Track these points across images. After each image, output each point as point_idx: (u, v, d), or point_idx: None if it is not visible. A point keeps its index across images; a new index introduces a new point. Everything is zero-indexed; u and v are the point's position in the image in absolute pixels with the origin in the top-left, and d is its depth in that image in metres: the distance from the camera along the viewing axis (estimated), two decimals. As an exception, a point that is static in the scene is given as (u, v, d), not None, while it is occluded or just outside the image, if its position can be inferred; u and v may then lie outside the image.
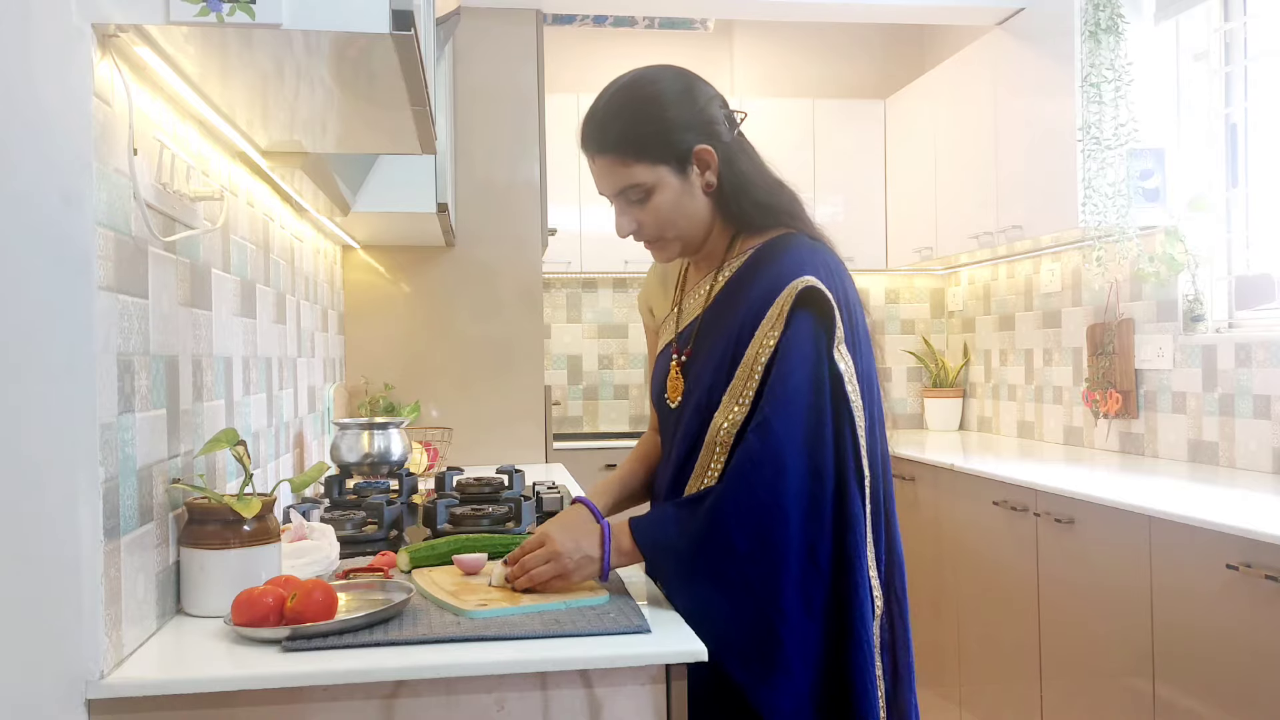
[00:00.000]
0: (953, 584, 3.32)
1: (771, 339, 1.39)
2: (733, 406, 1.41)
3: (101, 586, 1.11)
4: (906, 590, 1.48)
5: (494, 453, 3.45)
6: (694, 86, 1.49)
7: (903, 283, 4.87)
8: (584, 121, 1.51)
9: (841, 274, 1.47)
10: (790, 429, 1.35)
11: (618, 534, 1.42)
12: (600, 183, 1.52)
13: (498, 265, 3.51)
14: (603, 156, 1.48)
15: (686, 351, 1.54)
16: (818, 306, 1.39)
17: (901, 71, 4.83)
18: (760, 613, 1.33)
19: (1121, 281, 3.40)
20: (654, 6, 3.87)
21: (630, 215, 1.51)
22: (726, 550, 1.34)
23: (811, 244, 1.49)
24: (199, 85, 1.35)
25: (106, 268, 1.14)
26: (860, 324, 1.46)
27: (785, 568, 1.33)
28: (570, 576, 1.40)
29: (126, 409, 1.20)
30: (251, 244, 1.93)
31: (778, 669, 1.32)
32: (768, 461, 1.34)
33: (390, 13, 1.10)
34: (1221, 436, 2.99)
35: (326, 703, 1.14)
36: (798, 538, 1.34)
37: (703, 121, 1.47)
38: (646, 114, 1.45)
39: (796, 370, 1.37)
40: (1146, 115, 3.14)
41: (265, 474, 2.04)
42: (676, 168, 1.46)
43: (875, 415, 1.45)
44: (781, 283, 1.41)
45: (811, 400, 1.36)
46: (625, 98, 1.48)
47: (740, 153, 1.51)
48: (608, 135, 1.47)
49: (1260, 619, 2.05)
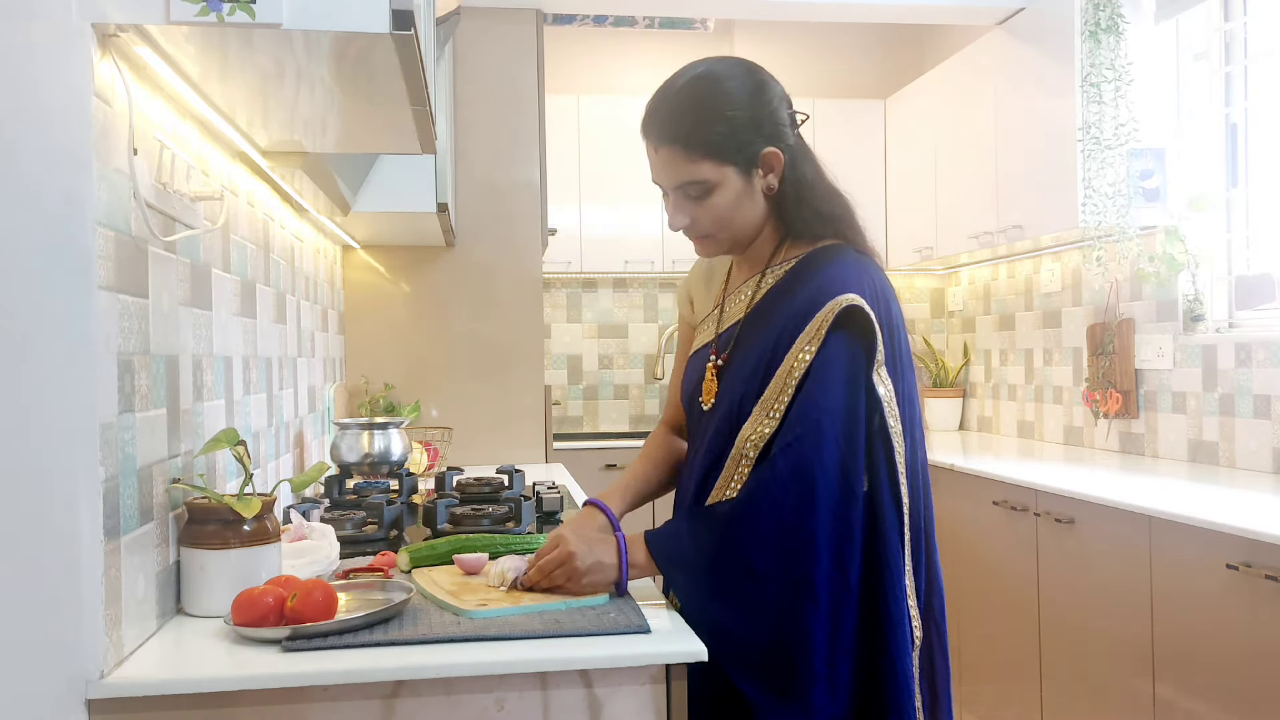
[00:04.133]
0: (952, 584, 3.31)
1: (807, 355, 1.36)
2: (762, 419, 1.38)
3: (101, 586, 1.11)
4: (946, 618, 1.45)
5: (494, 453, 3.45)
6: (766, 85, 1.45)
7: (903, 283, 4.87)
8: (650, 108, 1.45)
9: (887, 291, 1.43)
10: (821, 451, 1.32)
11: (632, 546, 1.40)
12: (659, 173, 1.47)
13: (498, 265, 3.51)
14: (666, 147, 1.43)
15: (724, 356, 1.50)
16: (859, 327, 1.36)
17: (901, 71, 4.83)
18: (777, 635, 1.30)
19: (1121, 281, 3.40)
20: (654, 6, 3.87)
21: (685, 210, 1.46)
22: (744, 567, 1.31)
23: (858, 259, 1.45)
24: (199, 85, 1.35)
25: (106, 268, 1.14)
26: (903, 344, 1.42)
27: (812, 594, 1.30)
28: (580, 578, 1.39)
29: (127, 409, 1.20)
30: (251, 244, 1.93)
31: (794, 694, 1.29)
32: (794, 482, 1.31)
33: (390, 13, 1.10)
34: (1221, 436, 2.99)
35: (326, 703, 1.14)
36: (827, 563, 1.30)
37: (771, 123, 1.43)
38: (718, 111, 1.41)
39: (830, 391, 1.34)
40: (1146, 115, 3.14)
41: (265, 474, 2.04)
42: (742, 169, 1.42)
43: (917, 438, 1.42)
44: (823, 297, 1.37)
45: (844, 422, 1.33)
46: (697, 91, 1.43)
47: (803, 157, 1.48)
48: (677, 128, 1.42)
49: (1260, 619, 2.05)
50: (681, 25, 4.89)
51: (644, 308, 4.90)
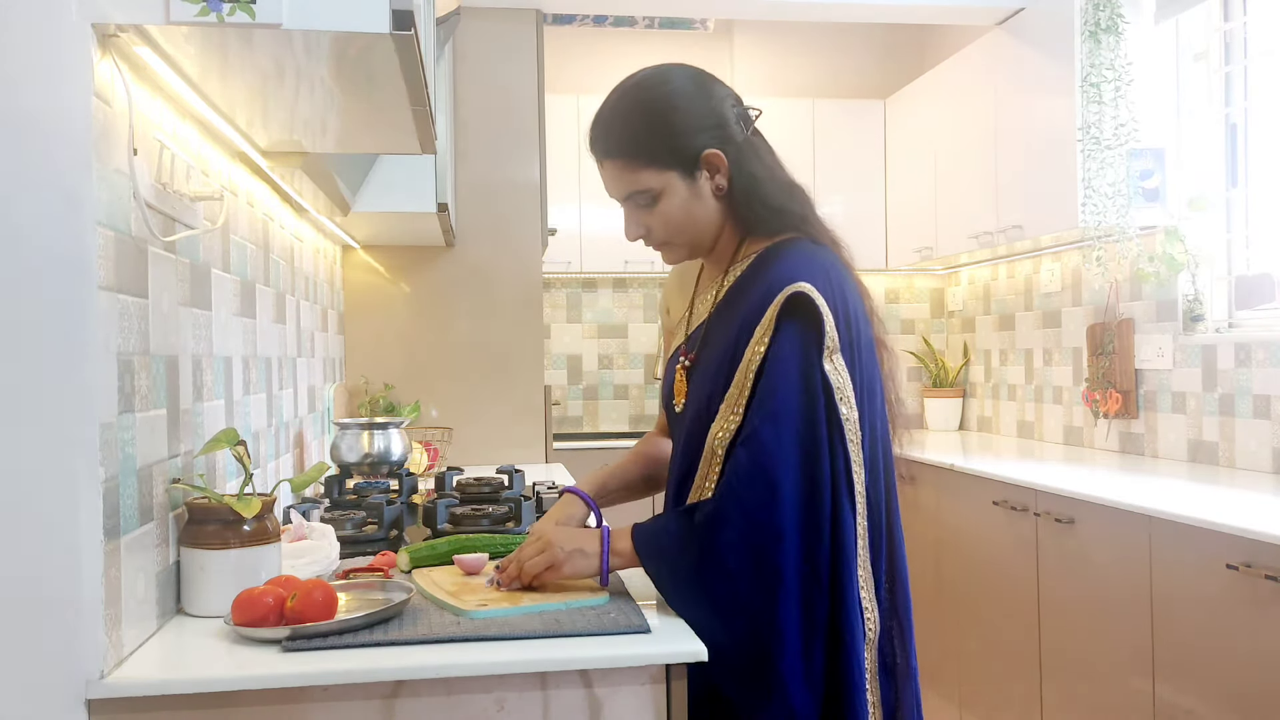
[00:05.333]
0: (953, 584, 3.32)
1: (761, 346, 1.36)
2: (728, 415, 1.38)
3: (101, 586, 1.11)
4: (911, 614, 1.44)
5: (494, 453, 3.45)
6: (705, 86, 1.46)
7: (903, 283, 4.87)
8: (591, 124, 1.48)
9: (843, 279, 1.42)
10: (780, 442, 1.31)
11: (617, 536, 1.41)
12: (608, 187, 1.50)
13: (497, 265, 3.51)
14: (610, 161, 1.46)
15: (692, 356, 1.52)
16: (806, 314, 1.35)
17: (901, 71, 4.83)
18: (753, 632, 1.29)
19: (1121, 281, 3.40)
20: (654, 6, 3.87)
21: (638, 220, 1.48)
22: (718, 567, 1.31)
23: (813, 248, 1.45)
24: (199, 85, 1.35)
25: (106, 268, 1.14)
26: (863, 331, 1.41)
27: (784, 586, 1.29)
28: (560, 567, 1.39)
29: (126, 409, 1.20)
30: (251, 244, 1.93)
31: (771, 690, 1.29)
32: (758, 476, 1.30)
33: (390, 13, 1.10)
34: (1221, 436, 2.99)
35: (326, 703, 1.14)
36: (795, 554, 1.30)
37: (713, 124, 1.43)
38: (653, 118, 1.42)
39: (784, 381, 1.33)
40: (1146, 115, 3.14)
41: (265, 474, 2.04)
42: (684, 173, 1.43)
43: (878, 429, 1.41)
44: (776, 289, 1.37)
45: (802, 412, 1.32)
46: (632, 100, 1.45)
47: (752, 154, 1.47)
48: (613, 139, 1.45)
49: (1260, 619, 2.05)
50: (681, 25, 4.90)
51: (644, 308, 4.90)
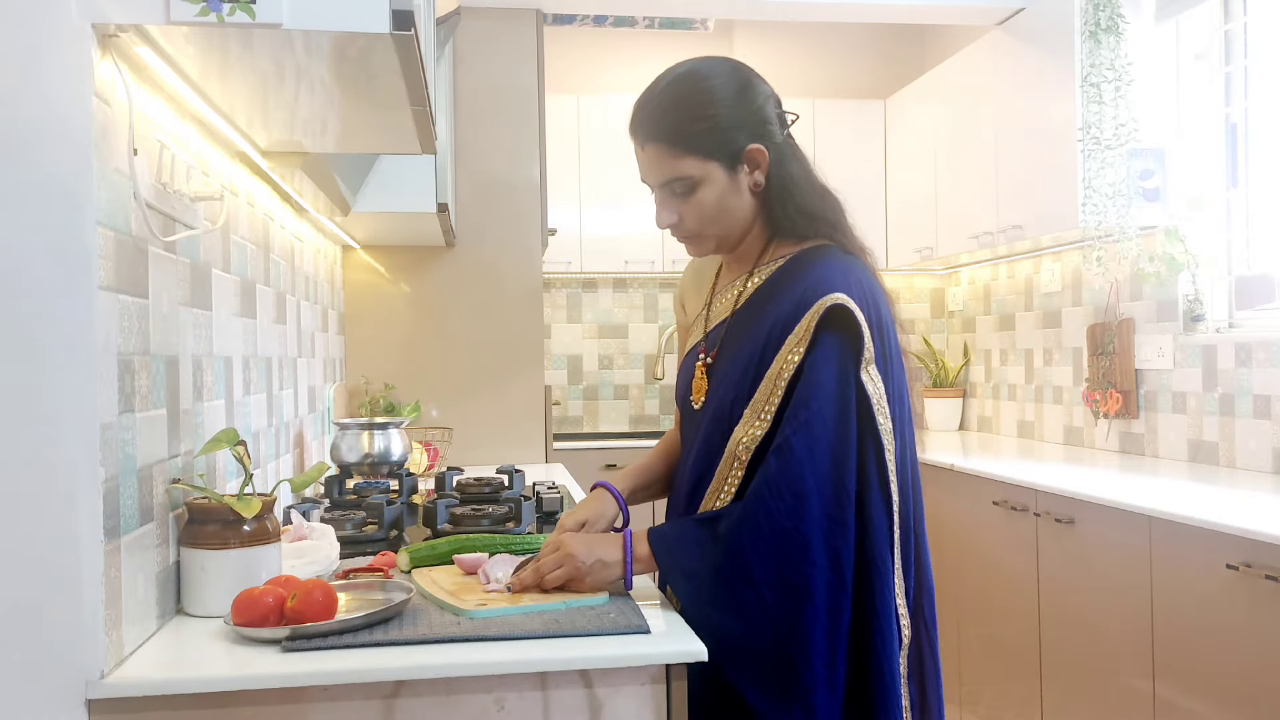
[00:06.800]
0: (953, 584, 3.32)
1: (796, 356, 1.36)
2: (754, 421, 1.38)
3: (101, 586, 1.11)
4: (936, 619, 1.45)
5: (494, 453, 3.45)
6: (752, 83, 1.47)
7: (903, 283, 4.87)
8: (636, 107, 1.47)
9: (875, 291, 1.43)
10: (812, 453, 1.31)
11: (637, 541, 1.41)
12: (646, 171, 1.49)
13: (498, 265, 3.52)
14: (652, 145, 1.45)
15: (712, 354, 1.51)
16: (845, 326, 1.36)
17: (901, 71, 4.83)
18: (777, 639, 1.30)
19: (1121, 281, 3.40)
20: (654, 6, 3.87)
21: (672, 207, 1.48)
22: (744, 576, 1.31)
23: (846, 258, 1.46)
24: (199, 85, 1.35)
25: (107, 268, 1.14)
26: (893, 343, 1.43)
27: (809, 596, 1.29)
28: (583, 580, 1.40)
29: (127, 409, 1.20)
30: (251, 244, 1.93)
31: (795, 697, 1.29)
32: (787, 487, 1.31)
33: (390, 13, 1.10)
34: (1221, 436, 2.99)
35: (326, 703, 1.14)
36: (822, 565, 1.30)
37: (757, 120, 1.44)
38: (702, 108, 1.42)
39: (820, 392, 1.34)
40: (1146, 115, 3.14)
41: (265, 474, 2.04)
42: (727, 165, 1.44)
43: (907, 436, 1.42)
44: (811, 297, 1.38)
45: (835, 424, 1.33)
46: (681, 89, 1.44)
47: (790, 155, 1.48)
48: (660, 124, 1.44)
49: (1260, 619, 2.05)
50: (681, 25, 4.89)
51: (644, 308, 4.90)
